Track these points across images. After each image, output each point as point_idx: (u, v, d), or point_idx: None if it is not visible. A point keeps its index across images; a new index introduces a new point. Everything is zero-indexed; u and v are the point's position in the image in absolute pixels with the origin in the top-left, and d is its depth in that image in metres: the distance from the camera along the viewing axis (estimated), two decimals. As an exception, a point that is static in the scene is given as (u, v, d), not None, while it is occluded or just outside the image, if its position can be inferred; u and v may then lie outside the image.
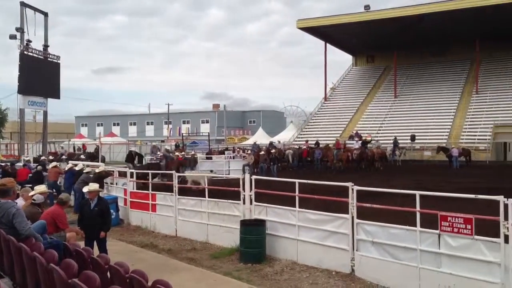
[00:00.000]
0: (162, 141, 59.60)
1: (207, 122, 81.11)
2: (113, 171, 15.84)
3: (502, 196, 5.84)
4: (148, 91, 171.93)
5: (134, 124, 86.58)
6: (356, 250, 7.84)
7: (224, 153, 32.19)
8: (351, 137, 39.89)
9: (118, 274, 4.40)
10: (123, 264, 4.60)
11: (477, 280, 6.09)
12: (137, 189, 14.35)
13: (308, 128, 48.60)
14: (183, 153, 28.92)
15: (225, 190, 11.63)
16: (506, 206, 5.79)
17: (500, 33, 45.38)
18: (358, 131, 41.40)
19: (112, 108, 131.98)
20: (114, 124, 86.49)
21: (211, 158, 30.54)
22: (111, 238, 10.30)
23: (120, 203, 14.07)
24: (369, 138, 33.89)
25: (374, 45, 53.52)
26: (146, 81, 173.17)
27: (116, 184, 15.35)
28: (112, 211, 10.46)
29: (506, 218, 5.79)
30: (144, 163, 28.29)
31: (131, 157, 27.87)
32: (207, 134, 43.73)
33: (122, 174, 15.23)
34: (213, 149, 38.98)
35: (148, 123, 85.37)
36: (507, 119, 39.53)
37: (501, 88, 44.22)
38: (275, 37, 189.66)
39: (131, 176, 14.30)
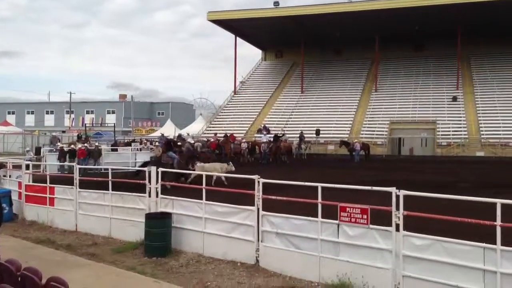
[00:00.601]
0: (63, 132, 56.52)
1: (113, 112, 78.26)
2: (7, 163, 14.74)
3: (394, 188, 6.26)
4: (47, 78, 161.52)
5: (32, 113, 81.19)
6: (261, 241, 7.99)
7: (130, 145, 31.26)
8: (259, 131, 40.67)
9: (9, 272, 4.10)
10: (15, 261, 4.29)
11: (371, 266, 6.47)
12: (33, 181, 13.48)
13: (217, 121, 48.70)
14: (86, 144, 27.61)
15: (130, 183, 11.29)
16: (397, 197, 6.20)
17: (397, 34, 48.68)
18: (266, 125, 42.33)
19: (8, 96, 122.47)
20: (9, 113, 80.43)
21: (116, 150, 29.50)
22: (3, 234, 9.60)
23: (14, 197, 13.13)
24: (282, 133, 34.73)
25: (282, 41, 54.87)
26: (45, 68, 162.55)
27: (10, 176, 14.31)
28: (4, 205, 9.74)
29: (397, 208, 6.21)
30: (42, 154, 26.69)
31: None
32: (113, 125, 42.20)
33: (17, 166, 14.23)
34: (119, 141, 37.70)
35: (47, 112, 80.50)
36: (402, 116, 42.55)
37: (398, 87, 47.45)
38: (186, 27, 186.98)
39: (27, 168, 13.40)
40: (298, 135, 35.93)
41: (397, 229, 6.22)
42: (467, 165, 26.84)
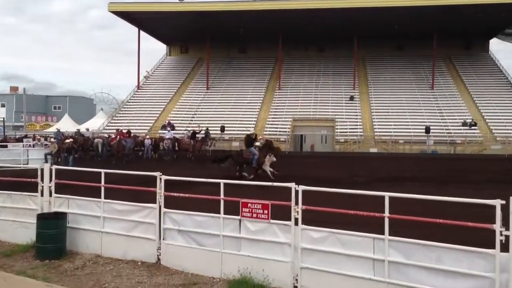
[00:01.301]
0: None
1: (2, 106, 72.48)
2: None
3: (294, 183, 6.45)
4: None
5: None
6: (163, 239, 7.84)
7: (22, 141, 29.14)
8: (163, 127, 39.97)
9: None
10: None
11: (271, 260, 6.62)
12: None
13: (120, 117, 47.04)
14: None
15: (21, 181, 10.50)
16: (297, 192, 6.40)
17: (300, 35, 50.50)
18: (171, 121, 41.72)
19: None
20: None
21: (6, 147, 27.35)
22: None
23: None
24: (199, 129, 34.32)
25: (188, 36, 54.37)
26: None
27: None
28: None
29: (296, 203, 6.41)
30: None
31: None
32: (2, 119, 39.06)
33: None
34: (8, 136, 34.99)
35: None
36: (304, 114, 44.14)
37: (300, 86, 49.13)
38: (85, 18, 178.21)
39: None
40: (204, 132, 35.81)
41: (296, 223, 6.42)
42: (362, 161, 28.55)
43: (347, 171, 21.28)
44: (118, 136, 29.22)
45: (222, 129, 40.04)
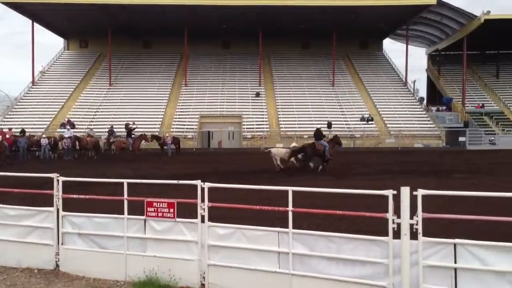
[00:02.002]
0: None
1: None
2: None
3: (199, 181, 6.40)
4: None
5: None
6: (62, 244, 7.41)
7: None
8: (62, 125, 37.90)
9: None
10: None
11: (178, 259, 6.52)
12: None
13: (13, 115, 43.74)
14: None
15: None
16: (203, 189, 6.36)
17: (206, 30, 50.34)
18: (71, 119, 39.67)
19: None
20: None
21: None
22: None
23: None
24: (134, 126, 32.86)
25: (88, 30, 51.89)
26: None
27: None
28: None
29: (202, 200, 6.37)
30: None
31: None
32: None
33: None
34: None
35: None
36: (211, 110, 44.13)
37: (207, 82, 49.03)
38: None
39: None
40: (108, 129, 34.49)
41: (202, 221, 6.38)
42: (269, 156, 29.12)
43: (255, 166, 21.61)
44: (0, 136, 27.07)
45: (127, 126, 38.79)
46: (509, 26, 44.91)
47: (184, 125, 41.98)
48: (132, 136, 29.89)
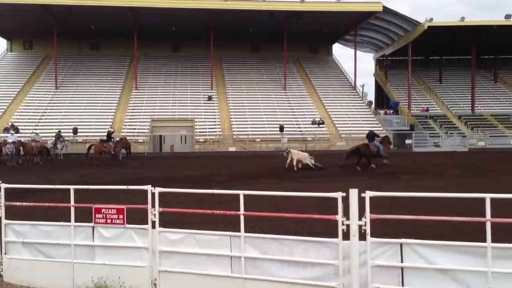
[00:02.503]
0: None
1: None
2: None
3: (150, 186, 6.30)
4: None
5: None
6: (5, 254, 7.08)
7: None
8: (6, 129, 36.35)
9: None
10: None
11: (128, 266, 6.38)
12: None
13: (-49, 119, 41.52)
14: None
15: None
16: (153, 194, 6.26)
17: (156, 33, 49.72)
18: (15, 123, 38.12)
19: None
20: None
21: None
22: None
23: None
24: (112, 129, 31.61)
25: (31, 31, 50.01)
26: None
27: None
28: None
29: (153, 205, 6.26)
30: None
31: None
32: None
33: None
34: None
35: None
36: (162, 114, 43.58)
37: (158, 85, 48.39)
38: None
39: None
40: (55, 134, 33.36)
41: (153, 226, 6.27)
42: (221, 160, 29.11)
43: (207, 170, 21.50)
44: None
45: (75, 131, 37.67)
46: (451, 32, 46.98)
47: (135, 129, 41.22)
48: (112, 139, 28.85)
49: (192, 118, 43.14)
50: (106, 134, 29.83)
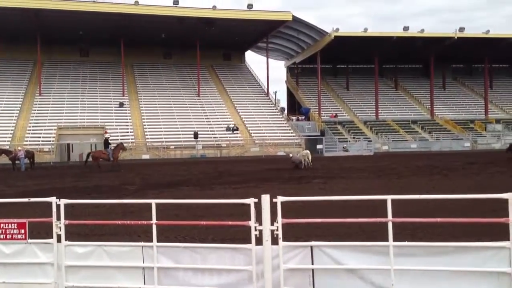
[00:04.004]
0: None
1: None
2: None
3: (55, 198, 5.96)
4: None
5: None
6: None
7: None
8: None
9: None
10: None
11: (31, 283, 5.98)
12: None
13: None
14: None
15: None
16: (58, 206, 5.93)
17: (63, 37, 47.37)
18: None
19: None
20: None
21: None
22: None
23: None
24: (108, 135, 29.02)
25: None
26: None
27: None
28: None
29: (58, 218, 5.93)
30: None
31: None
32: None
33: None
34: None
35: None
36: (70, 121, 41.53)
37: (65, 92, 46.05)
38: None
39: None
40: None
41: (59, 240, 5.93)
42: (134, 168, 28.29)
43: (119, 179, 20.79)
44: None
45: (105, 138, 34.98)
46: (355, 42, 49.61)
47: (40, 137, 38.86)
48: (110, 146, 27.51)
49: (103, 125, 41.54)
50: (103, 141, 28.99)
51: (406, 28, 49.51)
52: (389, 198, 4.82)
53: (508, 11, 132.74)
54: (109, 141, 28.78)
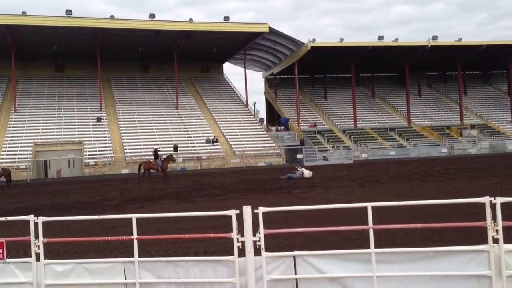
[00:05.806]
0: None
1: None
2: None
3: (32, 215, 5.84)
4: None
5: None
6: None
7: None
8: None
9: None
10: None
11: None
12: None
13: None
14: None
15: None
16: (36, 224, 5.82)
17: (38, 53, 46.80)
18: None
19: None
20: None
21: None
22: None
23: None
24: (157, 147, 28.90)
25: None
26: None
27: None
28: None
29: (37, 236, 5.82)
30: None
31: None
32: None
33: None
34: None
35: None
36: (47, 137, 40.90)
37: (40, 108, 45.41)
38: None
39: None
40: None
41: (37, 259, 5.81)
42: (113, 183, 27.95)
43: (98, 195, 20.50)
44: None
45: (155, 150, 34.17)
46: (332, 52, 50.21)
47: (16, 154, 38.15)
48: (159, 157, 29.82)
49: (80, 141, 41.03)
50: (153, 152, 31.64)
51: (381, 38, 50.35)
52: (369, 205, 4.86)
53: (479, 19, 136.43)
54: (158, 153, 31.16)
